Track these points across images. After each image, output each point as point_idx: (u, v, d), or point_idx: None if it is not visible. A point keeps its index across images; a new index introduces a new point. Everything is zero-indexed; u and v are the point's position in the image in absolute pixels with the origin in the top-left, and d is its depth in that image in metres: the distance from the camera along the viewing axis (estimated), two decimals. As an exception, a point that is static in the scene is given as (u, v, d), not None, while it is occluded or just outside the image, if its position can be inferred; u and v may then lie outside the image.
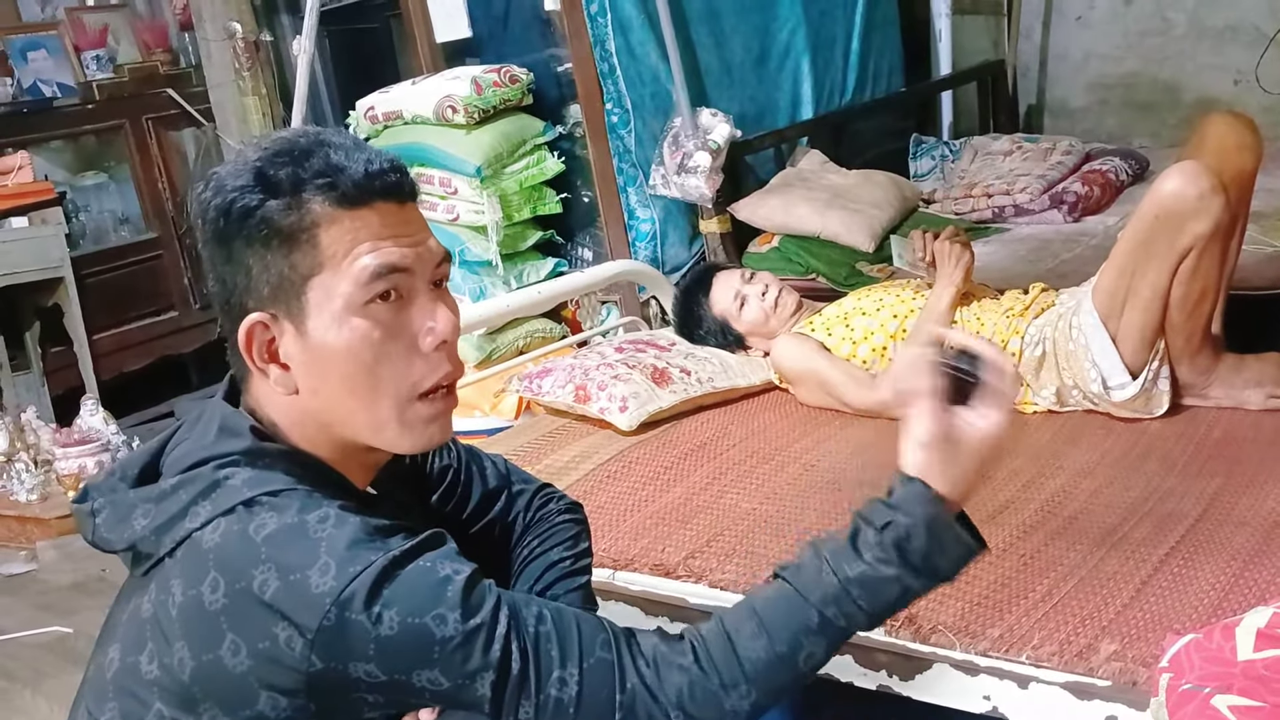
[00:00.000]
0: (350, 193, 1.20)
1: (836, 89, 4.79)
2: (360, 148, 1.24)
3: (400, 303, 1.23)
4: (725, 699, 1.21)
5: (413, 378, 1.24)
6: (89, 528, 1.27)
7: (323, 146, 1.22)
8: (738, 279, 3.21)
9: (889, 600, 1.25)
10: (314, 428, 1.27)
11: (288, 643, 1.12)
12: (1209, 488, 2.30)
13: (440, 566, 1.17)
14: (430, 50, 4.48)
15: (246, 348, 1.23)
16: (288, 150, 1.22)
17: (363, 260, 1.20)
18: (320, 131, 1.26)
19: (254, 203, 1.19)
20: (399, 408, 1.24)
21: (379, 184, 1.22)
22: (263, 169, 1.20)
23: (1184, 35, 5.02)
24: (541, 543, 1.58)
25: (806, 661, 1.24)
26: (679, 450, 2.81)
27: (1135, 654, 1.77)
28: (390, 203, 1.23)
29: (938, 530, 1.24)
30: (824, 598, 1.24)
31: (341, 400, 1.24)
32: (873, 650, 1.99)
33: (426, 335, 1.24)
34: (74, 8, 5.96)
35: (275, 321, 1.22)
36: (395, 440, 1.27)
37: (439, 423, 1.28)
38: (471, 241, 4.00)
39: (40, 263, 5.20)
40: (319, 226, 1.20)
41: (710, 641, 1.24)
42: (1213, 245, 2.47)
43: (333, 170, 1.20)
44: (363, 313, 1.21)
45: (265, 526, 1.17)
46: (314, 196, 1.20)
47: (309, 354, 1.22)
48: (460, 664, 1.15)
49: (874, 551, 1.23)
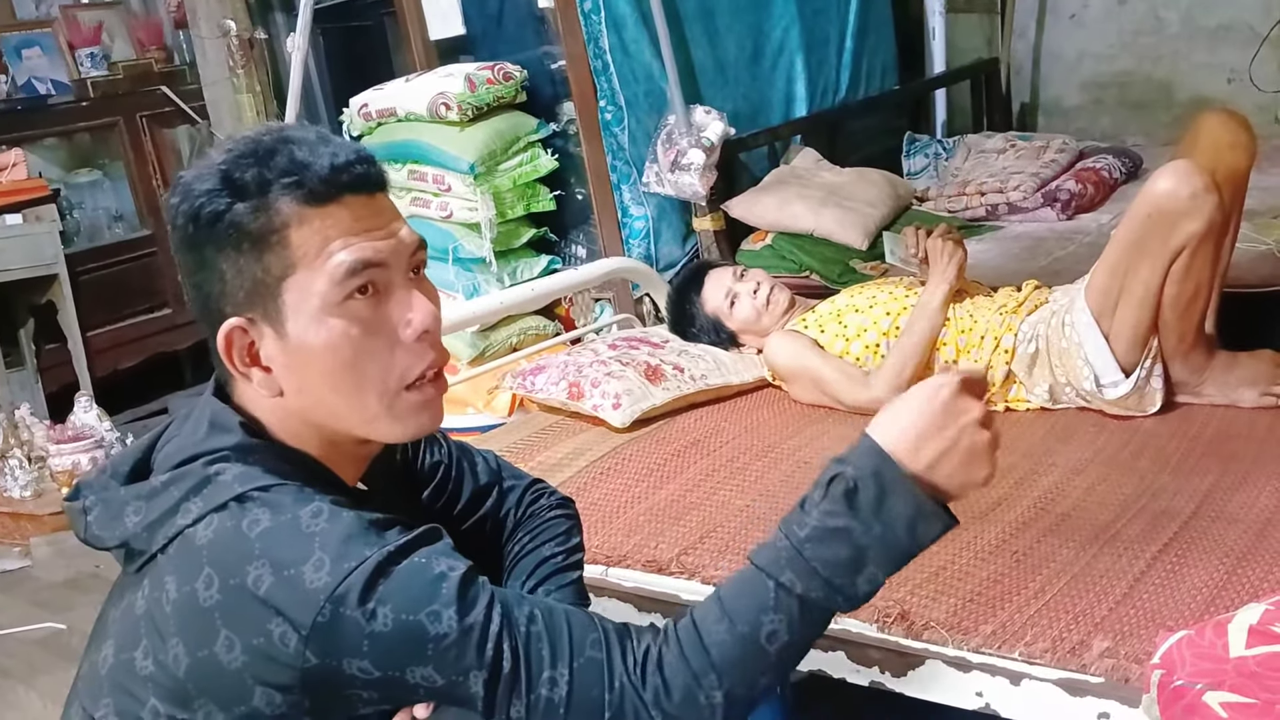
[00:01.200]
0: (317, 189, 1.19)
1: (830, 87, 4.80)
2: (325, 141, 1.22)
3: (377, 297, 1.22)
4: (698, 691, 1.18)
5: (397, 370, 1.24)
6: (81, 525, 1.27)
7: (286, 144, 1.21)
8: (730, 277, 3.21)
9: (844, 559, 1.19)
10: (301, 425, 1.26)
11: (282, 639, 1.12)
12: (1202, 485, 2.30)
13: (435, 563, 1.17)
14: (424, 47, 4.48)
15: (226, 353, 1.22)
16: (251, 151, 1.20)
17: (336, 257, 1.19)
18: (284, 128, 1.24)
19: (222, 207, 1.18)
20: (386, 400, 1.24)
21: (346, 178, 1.21)
22: (228, 171, 1.19)
23: (1177, 34, 5.03)
24: (533, 539, 1.58)
25: (771, 640, 1.19)
26: (672, 447, 2.81)
27: (1128, 651, 1.77)
28: (359, 195, 1.22)
29: (887, 481, 1.19)
30: (777, 564, 1.20)
31: (327, 398, 1.23)
32: (865, 647, 1.99)
33: (405, 327, 1.23)
34: (68, 5, 5.95)
35: (254, 325, 1.21)
36: (388, 431, 1.27)
37: (429, 409, 1.28)
38: (465, 239, 4.00)
39: (34, 260, 5.19)
40: (289, 226, 1.19)
41: (681, 634, 1.21)
42: (1206, 244, 2.47)
43: (298, 168, 1.19)
44: (340, 311, 1.20)
45: (259, 522, 1.16)
46: (281, 196, 1.18)
47: (290, 355, 1.21)
48: (454, 661, 1.15)
49: (821, 506, 1.20)
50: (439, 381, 1.29)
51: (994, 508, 2.30)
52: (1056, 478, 2.42)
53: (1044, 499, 2.33)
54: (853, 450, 1.23)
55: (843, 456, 1.23)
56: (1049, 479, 2.42)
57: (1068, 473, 2.44)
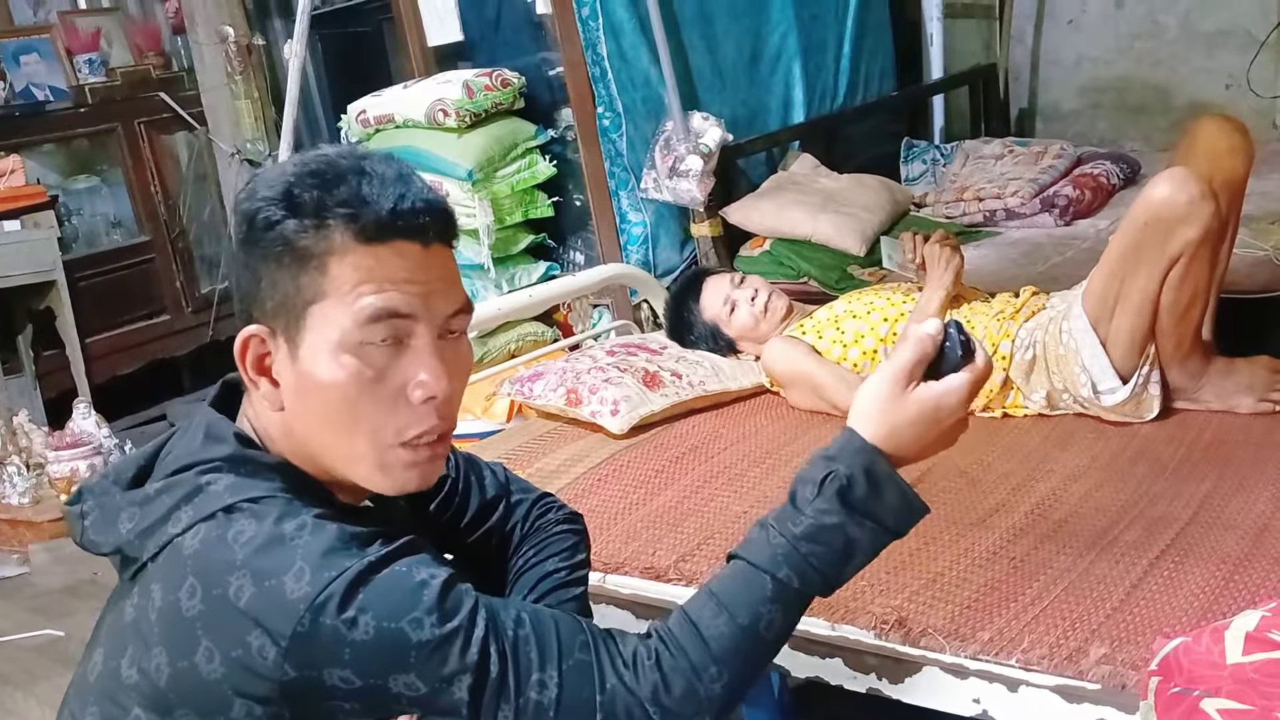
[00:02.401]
0: (369, 228, 1.18)
1: (828, 92, 4.80)
2: (401, 181, 1.21)
3: (398, 348, 1.21)
4: (699, 684, 1.21)
5: (395, 425, 1.22)
6: (78, 529, 1.28)
7: (359, 175, 1.20)
8: (727, 283, 3.21)
9: (837, 552, 1.25)
10: (301, 446, 1.26)
11: (260, 650, 1.12)
12: (1199, 491, 2.30)
13: (416, 571, 1.17)
14: (422, 54, 4.49)
15: (241, 356, 1.23)
16: (321, 171, 1.20)
17: (365, 299, 1.18)
18: (367, 155, 1.23)
19: (276, 217, 1.18)
20: (378, 451, 1.23)
21: (403, 224, 1.19)
22: (292, 186, 1.19)
23: (1175, 39, 5.04)
24: (537, 553, 1.58)
25: (768, 630, 1.25)
26: (670, 454, 2.81)
27: (1125, 657, 1.77)
28: (413, 243, 1.20)
29: (876, 476, 1.26)
30: (774, 560, 1.25)
31: (319, 430, 1.23)
32: (862, 653, 1.99)
33: (416, 388, 1.22)
34: (66, 11, 5.95)
35: (272, 337, 1.22)
36: (368, 478, 1.25)
37: (419, 470, 1.26)
38: (463, 245, 4.00)
39: (33, 266, 5.20)
40: (331, 255, 1.18)
41: (676, 630, 1.24)
42: (1203, 251, 2.47)
43: (358, 201, 1.18)
44: (356, 351, 1.19)
45: (244, 533, 1.16)
46: (336, 224, 1.18)
47: (297, 378, 1.22)
48: (437, 668, 1.15)
49: (816, 504, 1.25)
50: (437, 446, 1.27)
51: (991, 514, 2.30)
52: (1054, 484, 2.42)
53: (1041, 505, 2.33)
54: (841, 447, 1.28)
55: (831, 454, 1.28)
56: (1046, 485, 2.41)
57: (1065, 479, 2.43)
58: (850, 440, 1.28)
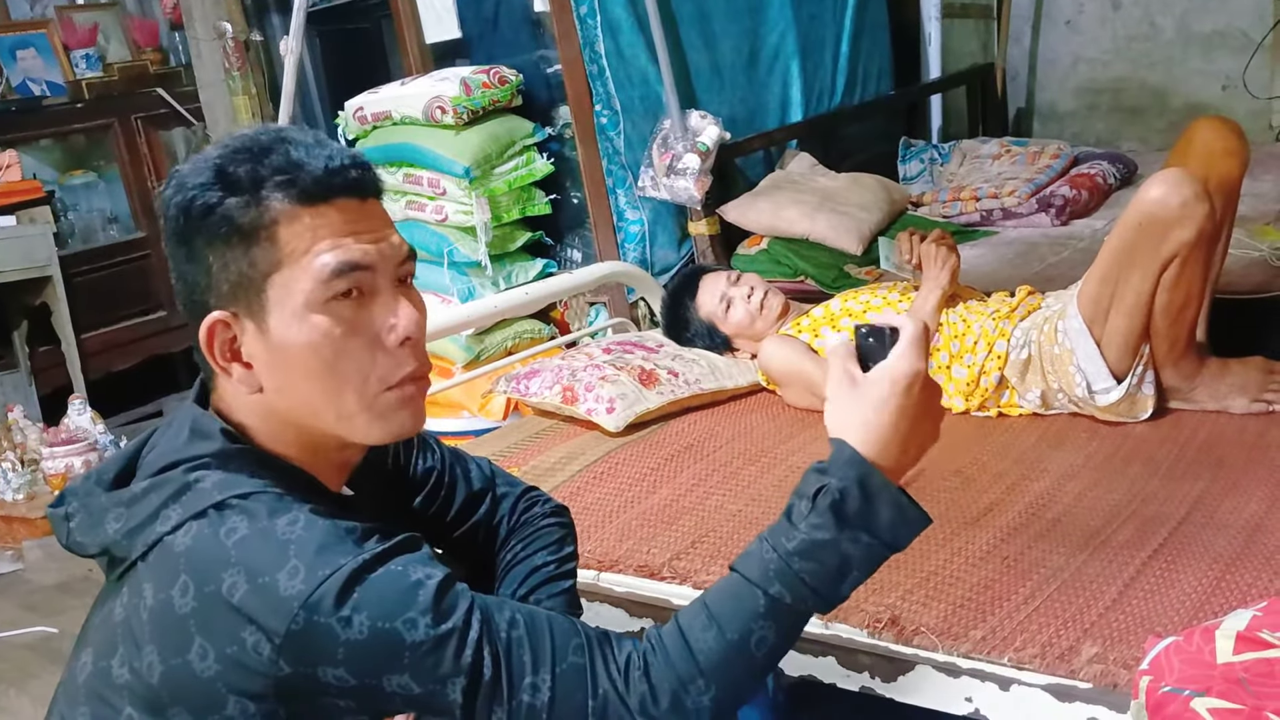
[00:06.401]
0: (310, 189, 1.20)
1: (826, 92, 4.80)
2: (321, 144, 1.23)
3: (362, 299, 1.23)
4: (685, 697, 1.19)
5: (377, 373, 1.24)
6: (64, 532, 1.27)
7: (283, 143, 1.22)
8: (724, 281, 3.22)
9: (831, 569, 1.21)
10: (282, 426, 1.26)
11: (255, 647, 1.12)
12: (1192, 491, 2.30)
13: (412, 570, 1.16)
14: (420, 51, 4.48)
15: (208, 346, 1.22)
16: (248, 147, 1.21)
17: (323, 258, 1.20)
18: (282, 129, 1.25)
19: (214, 200, 1.19)
20: (365, 400, 1.24)
21: (339, 180, 1.22)
22: (222, 166, 1.20)
23: (1172, 40, 5.05)
24: (525, 546, 1.57)
25: (759, 647, 1.21)
26: (666, 452, 2.82)
27: (1116, 656, 1.78)
28: (351, 199, 1.23)
29: (871, 488, 1.21)
30: (766, 576, 1.21)
31: (306, 395, 1.23)
32: (855, 652, 1.99)
33: (389, 332, 1.24)
34: (63, 6, 5.94)
35: (236, 320, 1.22)
36: (366, 430, 1.26)
37: (410, 407, 1.27)
38: (460, 242, 4.00)
39: (28, 262, 5.19)
40: (278, 224, 1.19)
41: (667, 640, 1.22)
42: (1197, 252, 2.48)
43: (292, 167, 1.20)
44: (323, 309, 1.20)
45: (236, 530, 1.16)
46: (273, 193, 1.19)
47: (271, 352, 1.22)
48: (431, 669, 1.14)
49: (809, 519, 1.21)
50: (420, 383, 1.28)
51: (985, 513, 2.31)
52: (1048, 483, 2.42)
53: (1035, 504, 2.33)
54: (833, 459, 1.24)
55: (824, 467, 1.24)
56: (1040, 484, 2.42)
57: (1059, 478, 2.44)
58: (840, 451, 1.24)
